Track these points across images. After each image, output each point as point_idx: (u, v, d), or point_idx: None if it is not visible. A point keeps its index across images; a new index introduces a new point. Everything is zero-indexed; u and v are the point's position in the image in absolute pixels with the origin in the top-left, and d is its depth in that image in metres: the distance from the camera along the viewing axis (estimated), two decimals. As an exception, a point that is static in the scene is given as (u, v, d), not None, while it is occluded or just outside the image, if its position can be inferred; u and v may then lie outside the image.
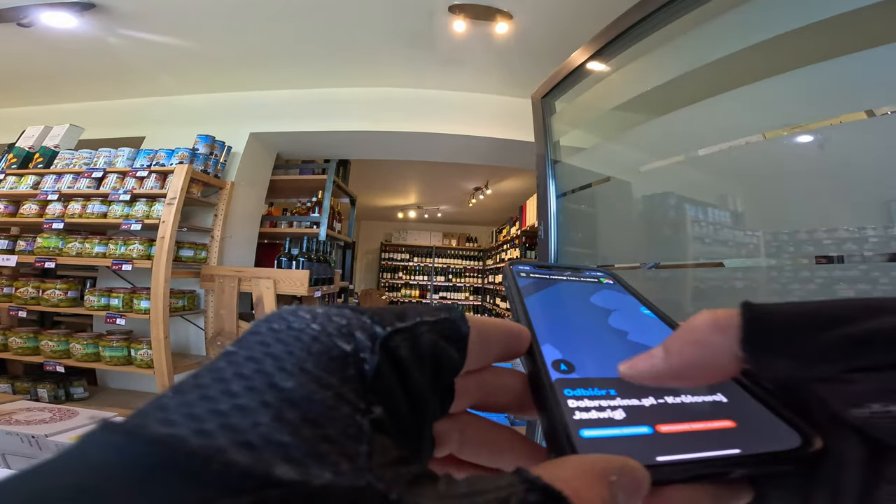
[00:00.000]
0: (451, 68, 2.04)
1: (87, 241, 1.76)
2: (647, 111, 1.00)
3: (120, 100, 2.42)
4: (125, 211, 1.79)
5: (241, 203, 2.26)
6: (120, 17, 1.59)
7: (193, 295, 1.99)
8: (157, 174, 1.84)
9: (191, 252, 1.93)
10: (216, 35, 1.79)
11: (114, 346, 1.73)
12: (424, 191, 4.89)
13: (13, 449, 1.25)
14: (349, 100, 2.31)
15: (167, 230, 1.73)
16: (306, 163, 2.87)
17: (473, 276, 6.28)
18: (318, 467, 0.07)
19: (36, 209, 1.83)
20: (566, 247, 1.14)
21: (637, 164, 1.03)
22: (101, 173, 1.85)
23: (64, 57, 1.91)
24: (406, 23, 1.67)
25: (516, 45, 1.75)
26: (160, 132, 2.28)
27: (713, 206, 0.86)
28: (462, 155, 2.77)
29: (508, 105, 2.31)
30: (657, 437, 0.11)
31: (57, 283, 1.77)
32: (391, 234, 6.38)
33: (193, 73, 2.15)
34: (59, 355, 1.74)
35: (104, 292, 1.76)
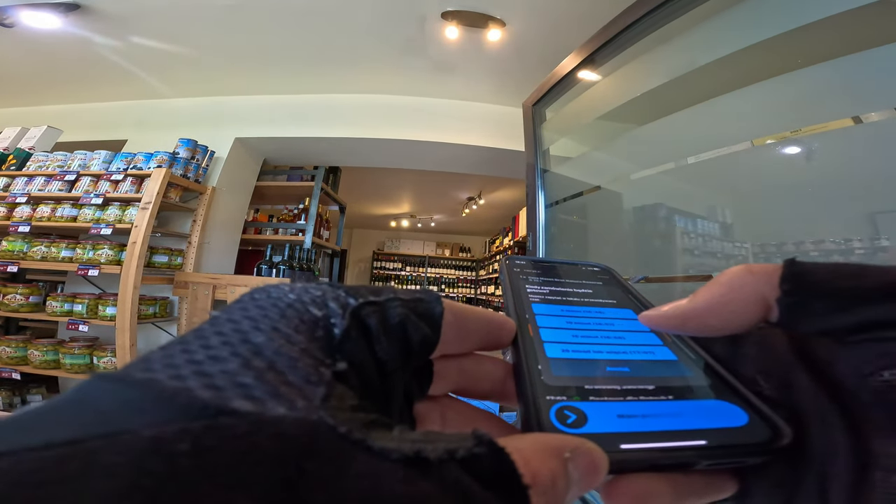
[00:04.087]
0: (444, 75, 2.02)
1: (53, 245, 1.69)
2: (637, 118, 0.98)
3: (102, 102, 2.38)
4: (96, 215, 1.73)
5: (222, 209, 2.19)
6: (105, 19, 1.56)
7: (166, 302, 1.91)
8: (133, 178, 1.79)
9: (165, 258, 1.85)
10: (203, 38, 1.76)
11: (75, 353, 1.64)
12: (418, 200, 4.85)
13: None
14: (339, 106, 2.29)
15: (139, 235, 1.67)
16: (294, 169, 2.83)
17: (466, 287, 6.22)
18: (273, 403, 0.07)
19: (3, 212, 1.76)
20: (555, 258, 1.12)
21: (626, 173, 1.00)
22: (73, 176, 1.79)
23: (46, 58, 1.88)
24: (398, 28, 1.65)
25: (509, 52, 1.74)
26: (142, 136, 2.23)
27: (702, 217, 0.84)
28: (455, 164, 2.74)
29: (501, 114, 2.29)
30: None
31: (18, 287, 1.68)
32: (384, 243, 6.33)
33: (178, 76, 2.12)
34: (15, 362, 1.65)
35: (68, 298, 1.68)
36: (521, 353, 0.13)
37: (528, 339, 0.14)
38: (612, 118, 1.03)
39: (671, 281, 0.89)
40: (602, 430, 0.11)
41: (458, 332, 0.13)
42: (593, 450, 0.09)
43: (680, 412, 0.11)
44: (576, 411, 0.11)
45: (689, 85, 0.83)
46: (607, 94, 1.03)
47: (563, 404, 0.11)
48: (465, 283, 6.23)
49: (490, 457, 0.08)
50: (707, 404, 0.12)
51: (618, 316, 0.16)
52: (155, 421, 0.06)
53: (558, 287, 0.18)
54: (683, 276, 0.85)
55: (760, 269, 0.11)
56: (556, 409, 0.11)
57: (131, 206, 1.73)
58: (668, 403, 0.12)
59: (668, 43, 0.88)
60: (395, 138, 2.27)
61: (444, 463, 0.07)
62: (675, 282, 0.88)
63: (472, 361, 0.14)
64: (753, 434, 0.11)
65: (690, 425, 0.11)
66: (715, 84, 0.78)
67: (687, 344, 0.14)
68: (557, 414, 0.11)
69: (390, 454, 0.07)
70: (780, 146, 0.69)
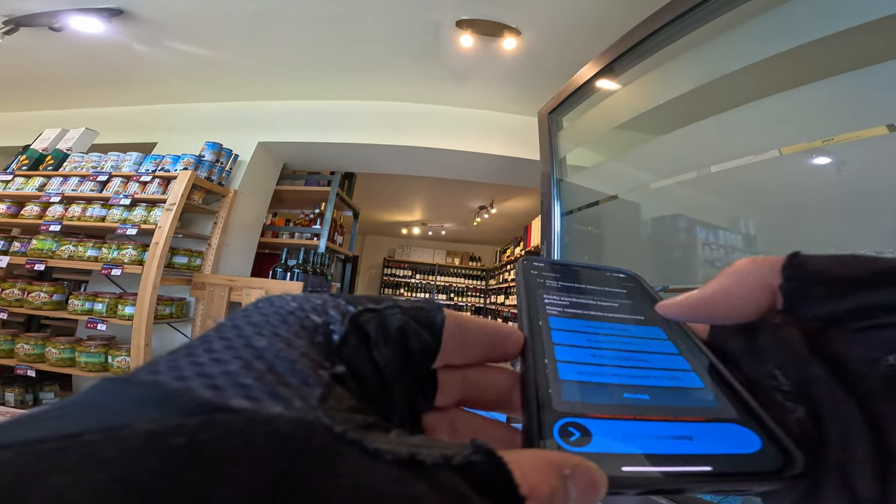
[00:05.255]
0: (458, 83, 2.05)
1: (80, 245, 1.74)
2: (658, 127, 0.97)
3: (136, 106, 2.48)
4: (123, 215, 1.79)
5: (242, 212, 2.25)
6: (143, 25, 1.64)
7: (183, 303, 1.95)
8: (160, 179, 1.85)
9: (185, 259, 1.90)
10: (230, 45, 1.83)
11: (91, 351, 1.67)
12: (429, 208, 4.89)
13: None
14: (356, 112, 2.34)
15: (162, 236, 1.71)
16: (312, 174, 2.89)
17: (476, 296, 6.17)
18: (271, 402, 0.08)
19: (37, 211, 1.83)
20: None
21: (645, 182, 0.99)
22: (105, 177, 1.86)
23: (87, 62, 1.98)
24: (413, 37, 1.68)
25: (524, 61, 1.74)
26: (171, 138, 2.31)
27: (724, 229, 0.81)
28: (468, 172, 2.75)
29: (516, 122, 2.30)
30: None
31: (43, 285, 1.73)
32: (395, 250, 6.36)
33: (207, 80, 2.20)
34: (32, 359, 1.69)
35: (90, 296, 1.72)
36: (531, 367, 0.13)
37: (539, 353, 0.14)
38: (632, 127, 1.02)
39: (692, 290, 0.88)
40: (605, 451, 0.10)
41: (460, 342, 0.13)
42: (593, 469, 0.09)
43: (690, 435, 0.11)
44: (580, 428, 0.11)
45: (713, 93, 0.82)
46: (627, 103, 1.03)
47: (568, 420, 0.11)
48: (474, 292, 6.18)
49: (487, 465, 0.08)
50: (721, 428, 0.11)
51: (644, 335, 0.15)
52: (154, 417, 0.07)
53: (579, 297, 0.17)
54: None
55: (765, 259, 0.12)
56: (561, 424, 0.11)
57: (157, 207, 1.79)
58: (679, 425, 0.11)
59: (692, 52, 0.87)
60: (409, 145, 2.30)
61: (439, 467, 0.08)
62: None
63: (477, 372, 0.14)
64: (763, 462, 0.10)
65: (698, 450, 0.11)
66: (740, 92, 0.77)
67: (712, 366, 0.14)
68: (561, 430, 0.11)
69: (385, 455, 0.07)
70: (811, 155, 0.67)
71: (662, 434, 0.11)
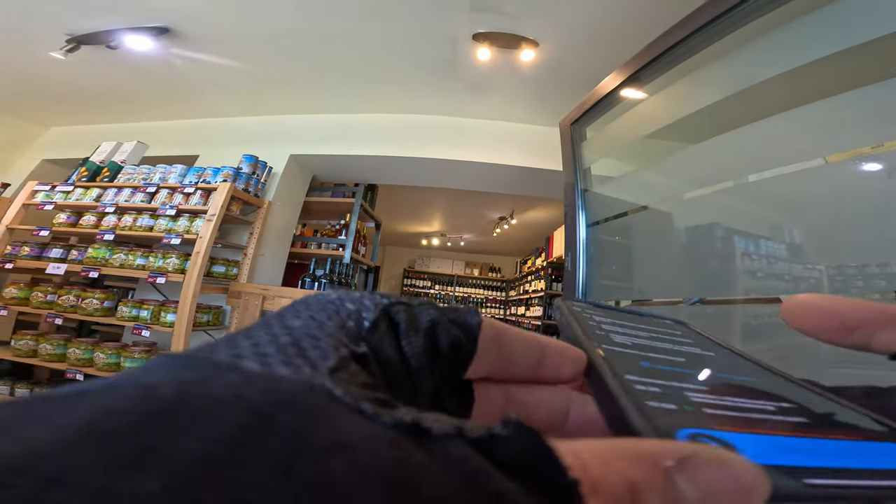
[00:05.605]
0: (477, 96, 2.08)
1: (131, 254, 1.84)
2: (690, 136, 0.95)
3: (180, 119, 2.62)
4: (169, 225, 1.87)
5: (275, 222, 2.33)
6: (186, 42, 1.76)
7: (220, 311, 2.02)
8: (202, 191, 1.94)
9: (223, 268, 1.97)
10: (263, 60, 1.92)
11: (135, 357, 1.74)
12: (448, 219, 4.93)
13: None
14: (379, 125, 2.40)
15: (203, 245, 1.79)
16: (338, 185, 2.97)
17: (496, 307, 6.11)
18: (281, 367, 0.08)
19: (94, 220, 1.94)
20: (596, 279, 1.06)
21: (679, 192, 0.97)
22: (154, 188, 1.96)
23: (137, 78, 2.11)
24: (432, 51, 1.72)
25: (543, 72, 1.75)
26: (212, 151, 2.43)
27: (766, 238, 0.78)
28: (487, 183, 2.77)
29: (535, 133, 2.31)
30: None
31: (96, 292, 1.83)
32: (415, 261, 6.41)
33: (242, 95, 2.31)
34: (82, 363, 1.76)
35: (136, 304, 1.80)
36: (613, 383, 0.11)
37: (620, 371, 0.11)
38: (663, 136, 1.00)
39: (731, 303, 0.83)
40: (771, 462, 0.08)
41: (499, 352, 0.12)
42: (732, 460, 0.06)
43: (863, 452, 0.09)
44: (718, 441, 0.08)
45: (749, 101, 0.80)
46: (657, 112, 1.01)
47: (695, 431, 0.08)
48: (494, 303, 6.13)
49: (518, 441, 0.07)
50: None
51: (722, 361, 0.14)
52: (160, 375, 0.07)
53: (637, 330, 0.15)
54: (745, 299, 0.79)
55: None
56: (688, 435, 0.08)
57: (198, 218, 1.87)
58: (846, 443, 0.09)
59: (724, 58, 0.84)
60: (429, 157, 2.33)
61: (449, 438, 0.07)
62: (736, 304, 0.82)
63: (523, 389, 0.13)
64: None
65: (884, 465, 0.09)
66: (778, 100, 0.76)
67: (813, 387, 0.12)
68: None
69: (382, 419, 0.07)
70: (859, 162, 0.65)
71: (829, 450, 0.09)
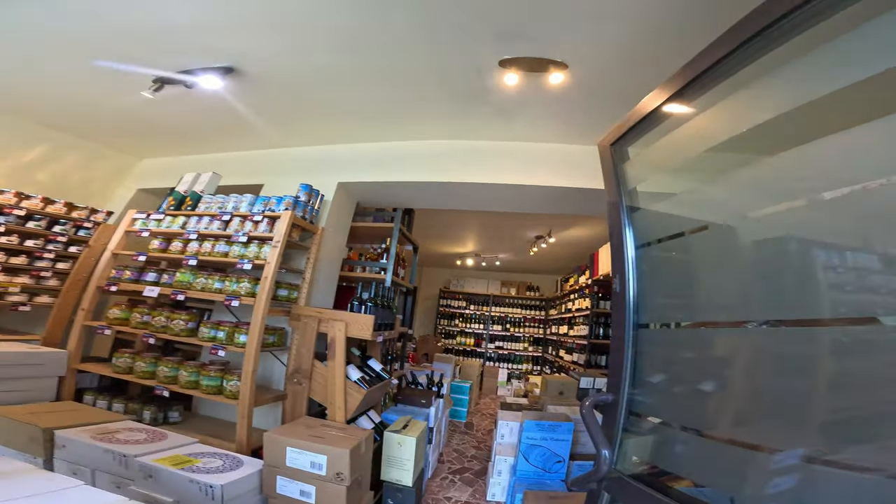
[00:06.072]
0: (508, 119, 2.11)
1: (210, 278, 1.97)
2: (757, 149, 0.89)
3: (246, 151, 2.85)
4: (241, 251, 2.00)
5: (327, 247, 2.43)
6: (246, 79, 1.94)
7: (283, 332, 2.10)
8: (268, 219, 2.08)
9: (285, 292, 2.07)
10: (309, 94, 2.06)
11: (211, 375, 1.83)
12: (483, 239, 4.94)
13: (104, 466, 1.33)
14: (416, 152, 2.49)
15: (270, 270, 1.89)
16: (379, 211, 3.08)
17: (534, 327, 5.97)
18: None
19: (181, 246, 2.13)
20: (650, 299, 0.98)
21: (746, 207, 0.90)
22: (228, 216, 2.12)
23: (209, 114, 2.32)
24: (460, 80, 1.78)
25: (574, 93, 1.76)
26: (274, 180, 2.61)
27: (854, 250, 0.68)
28: (521, 204, 2.77)
29: (569, 153, 2.31)
30: None
31: (181, 313, 1.97)
32: (450, 281, 6.43)
33: (296, 127, 2.48)
34: (168, 381, 1.88)
35: (214, 325, 1.91)
36: None
37: None
38: (724, 150, 0.94)
39: (815, 325, 0.71)
40: None
41: None
42: None
43: None
44: None
45: (825, 110, 0.73)
46: (712, 127, 0.93)
47: None
48: (533, 322, 6.00)
49: None
50: None
51: None
52: None
53: None
54: (833, 319, 0.67)
55: None
56: None
57: (266, 244, 1.99)
58: None
59: (791, 65, 0.75)
60: (463, 181, 2.38)
61: None
62: (822, 326, 0.69)
63: None
64: None
65: None
66: (863, 108, 0.69)
67: None
68: None
69: None
70: None
71: None
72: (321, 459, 1.39)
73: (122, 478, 1.30)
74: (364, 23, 1.48)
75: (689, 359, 0.89)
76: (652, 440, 0.85)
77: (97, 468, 1.34)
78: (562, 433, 1.95)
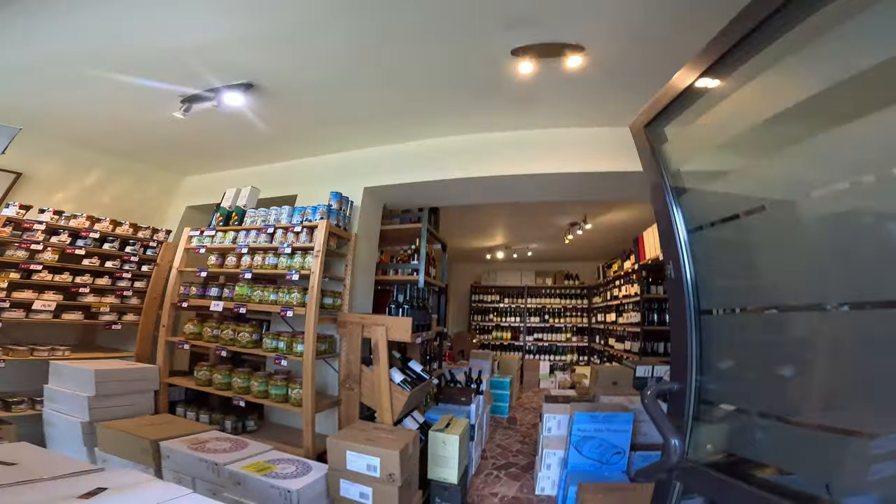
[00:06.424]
0: (528, 108, 2.04)
1: (265, 290, 2.05)
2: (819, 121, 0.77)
3: (277, 163, 2.93)
4: (288, 262, 2.06)
5: (362, 253, 2.46)
6: (266, 94, 1.98)
7: (332, 339, 2.14)
8: (307, 229, 2.12)
9: (330, 300, 2.10)
10: (325, 103, 2.08)
11: (278, 384, 1.91)
12: (512, 231, 4.85)
13: (201, 474, 1.42)
14: (437, 150, 2.45)
15: (315, 280, 1.94)
16: (405, 212, 3.08)
17: (576, 316, 5.80)
18: None
19: (235, 261, 2.21)
20: (710, 283, 0.90)
21: (808, 185, 0.76)
22: (272, 229, 2.19)
23: (237, 130, 2.37)
24: (474, 73, 1.73)
25: (595, 75, 1.68)
26: (306, 190, 2.66)
27: None
28: (550, 192, 2.66)
29: (596, 136, 2.20)
30: None
31: (245, 326, 2.06)
32: (480, 276, 6.38)
33: (319, 136, 2.51)
34: (242, 391, 1.98)
35: (274, 336, 1.99)
36: None
37: None
38: (777, 123, 0.83)
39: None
40: None
41: None
42: None
43: None
44: None
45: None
46: (760, 100, 0.83)
47: None
48: (574, 312, 5.81)
49: None
50: None
51: None
52: None
53: None
54: None
55: None
56: None
57: (308, 254, 2.03)
58: None
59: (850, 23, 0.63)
60: (486, 175, 2.32)
61: None
62: None
63: None
64: None
65: None
66: None
67: None
68: None
69: None
70: None
71: None
72: (375, 461, 1.45)
73: (215, 485, 1.39)
74: (371, 26, 1.48)
75: (762, 343, 0.80)
76: (727, 428, 0.80)
77: (196, 476, 1.45)
78: (619, 424, 1.88)
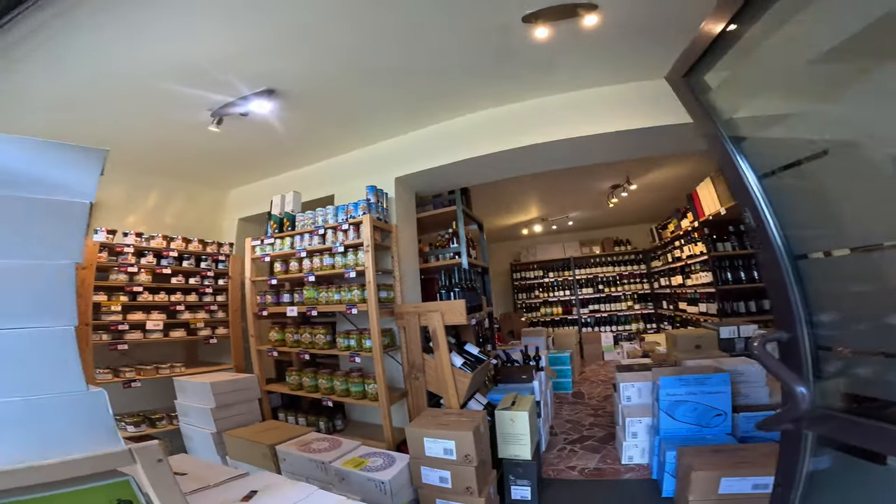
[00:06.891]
0: (548, 73, 1.93)
1: (329, 290, 2.07)
2: None
3: (311, 165, 2.92)
4: (343, 261, 2.06)
5: (404, 243, 2.42)
6: (288, 98, 1.96)
7: (391, 333, 2.14)
8: (353, 226, 2.10)
9: (385, 293, 2.09)
10: (343, 97, 2.01)
11: (356, 381, 1.95)
12: (547, 201, 4.62)
13: (311, 473, 1.47)
14: (462, 129, 2.34)
15: (370, 275, 1.92)
16: (436, 197, 2.99)
17: (635, 283, 5.50)
18: None
19: (297, 266, 2.25)
20: (794, 230, 0.84)
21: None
22: (322, 230, 2.19)
23: (268, 136, 2.36)
24: (488, 45, 1.65)
25: (614, 30, 1.59)
26: (342, 188, 2.65)
27: None
28: (584, 156, 2.48)
29: (625, 92, 2.04)
30: None
31: (319, 328, 2.11)
32: (519, 253, 6.21)
33: (347, 131, 2.46)
34: (327, 391, 2.04)
35: (345, 335, 2.02)
36: None
37: None
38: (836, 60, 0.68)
39: None
40: None
41: None
42: None
43: None
44: None
45: None
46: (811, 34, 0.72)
47: None
48: (632, 278, 5.49)
49: None
50: None
51: None
52: None
53: None
54: None
55: None
56: None
57: (359, 251, 2.02)
58: None
59: None
60: (514, 147, 2.19)
61: None
62: None
63: None
64: None
65: None
66: None
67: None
68: None
69: None
70: None
71: None
72: (450, 445, 1.47)
73: (324, 482, 1.47)
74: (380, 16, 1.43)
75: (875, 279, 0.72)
76: (853, 372, 0.74)
77: (308, 475, 1.54)
78: (714, 385, 1.76)
